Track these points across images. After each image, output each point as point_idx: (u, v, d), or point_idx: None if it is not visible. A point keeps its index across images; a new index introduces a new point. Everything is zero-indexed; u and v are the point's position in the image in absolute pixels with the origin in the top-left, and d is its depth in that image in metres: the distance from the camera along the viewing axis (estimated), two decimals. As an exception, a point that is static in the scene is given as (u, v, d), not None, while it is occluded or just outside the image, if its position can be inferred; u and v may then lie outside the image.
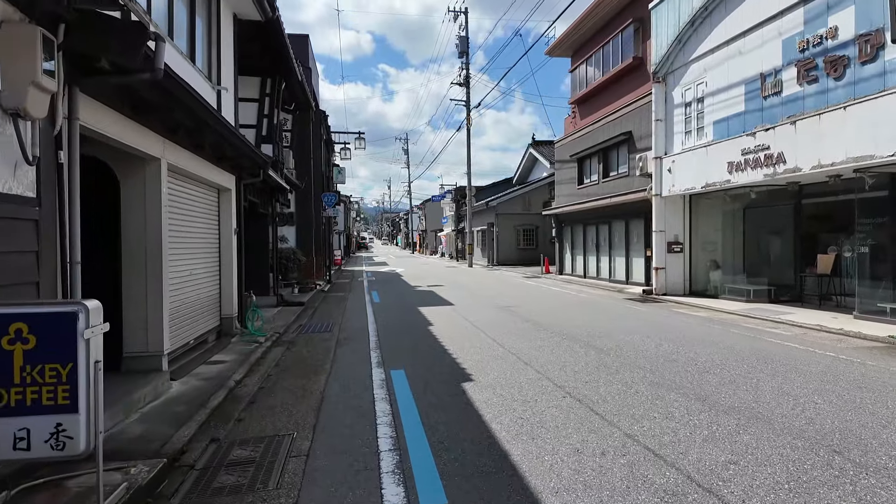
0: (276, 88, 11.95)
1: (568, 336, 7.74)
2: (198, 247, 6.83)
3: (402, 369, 5.90)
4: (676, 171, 12.37)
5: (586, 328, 8.42)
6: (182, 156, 5.70)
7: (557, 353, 6.57)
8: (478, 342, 7.40)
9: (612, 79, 21.38)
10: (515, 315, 10.01)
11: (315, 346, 7.51)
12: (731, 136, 10.62)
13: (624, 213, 15.66)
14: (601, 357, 6.34)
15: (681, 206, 13.09)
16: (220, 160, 6.91)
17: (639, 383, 5.18)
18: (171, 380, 5.24)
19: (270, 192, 11.49)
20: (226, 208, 7.76)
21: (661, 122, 12.97)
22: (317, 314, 10.95)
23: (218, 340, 7.43)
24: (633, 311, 10.44)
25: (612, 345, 7.07)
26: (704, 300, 11.81)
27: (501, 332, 8.20)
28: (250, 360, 6.33)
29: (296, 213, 16.44)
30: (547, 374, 5.58)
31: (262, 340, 7.44)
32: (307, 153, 16.78)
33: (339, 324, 9.55)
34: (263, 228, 11.49)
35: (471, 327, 8.68)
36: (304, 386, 5.36)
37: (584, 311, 10.59)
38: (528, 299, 12.73)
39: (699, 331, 8.20)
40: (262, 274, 11.52)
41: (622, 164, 15.99)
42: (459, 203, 39.08)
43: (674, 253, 12.99)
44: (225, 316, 7.73)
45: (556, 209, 20.38)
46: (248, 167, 7.80)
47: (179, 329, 5.96)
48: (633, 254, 15.52)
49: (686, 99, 12.24)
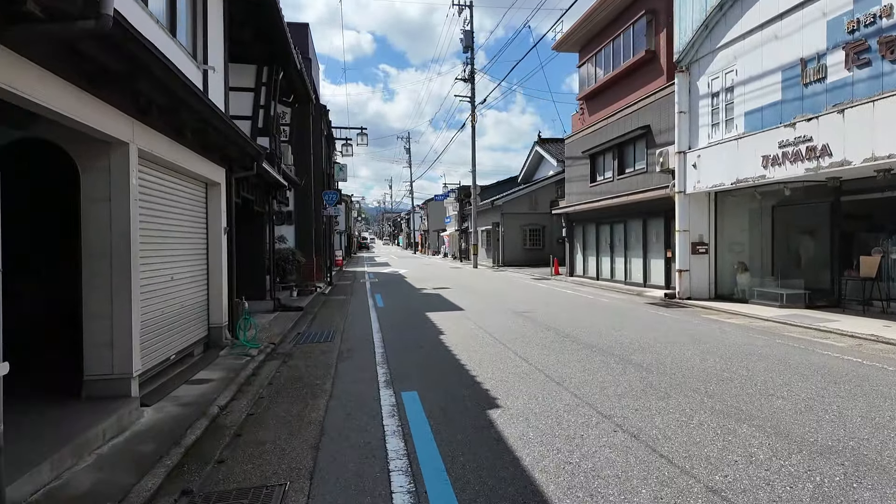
0: (272, 78, 11.12)
1: (597, 348, 6.91)
2: (181, 248, 6.01)
3: (414, 391, 5.07)
4: (702, 167, 11.53)
5: (615, 338, 7.59)
6: (158, 142, 4.88)
7: (591, 371, 5.74)
8: (497, 355, 6.57)
9: (623, 73, 20.56)
10: (533, 322, 9.18)
11: (314, 359, 6.68)
12: (766, 127, 9.79)
13: (641, 212, 14.83)
14: (643, 375, 5.51)
15: (705, 203, 12.25)
16: (205, 149, 6.09)
17: (698, 411, 4.35)
18: (144, 406, 4.42)
19: (267, 188, 10.67)
20: (215, 205, 6.94)
21: (685, 114, 12.13)
22: (317, 320, 10.12)
23: (205, 354, 6.61)
24: (660, 318, 9.60)
25: (651, 359, 6.24)
26: (733, 305, 10.98)
27: (521, 342, 7.37)
28: (239, 378, 5.51)
29: (295, 211, 15.62)
30: (586, 398, 4.75)
31: (254, 353, 6.62)
32: (307, 149, 15.95)
33: (340, 332, 8.72)
34: (259, 228, 10.68)
35: (486, 337, 7.85)
36: (300, 413, 4.53)
37: (608, 317, 9.75)
38: (542, 304, 11.90)
39: (740, 341, 7.37)
40: (257, 277, 10.70)
41: (639, 160, 15.16)
42: (463, 202, 38.25)
43: (698, 254, 12.15)
44: (213, 325, 6.91)
45: (566, 208, 19.55)
46: (238, 159, 6.98)
47: (156, 344, 5.14)
48: (651, 255, 14.68)
49: (713, 89, 11.40)
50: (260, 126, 10.87)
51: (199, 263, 6.67)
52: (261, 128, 10.87)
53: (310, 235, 16.10)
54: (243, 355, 6.52)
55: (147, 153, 4.69)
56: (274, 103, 11.44)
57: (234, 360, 6.29)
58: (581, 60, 25.22)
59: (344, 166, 24.13)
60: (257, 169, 7.59)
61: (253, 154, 7.02)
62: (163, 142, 4.99)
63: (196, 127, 5.32)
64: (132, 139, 4.31)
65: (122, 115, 4.16)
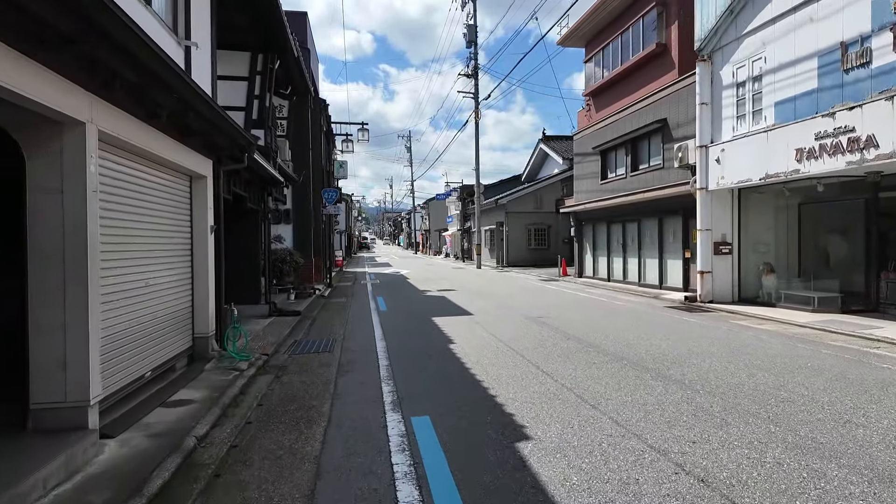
0: (268, 67, 10.41)
1: (628, 361, 6.18)
2: (159, 249, 5.29)
3: (426, 415, 4.35)
4: (727, 161, 10.81)
5: (644, 348, 6.87)
6: (126, 124, 4.16)
7: (627, 389, 5.01)
8: (517, 369, 5.84)
9: (632, 67, 19.88)
10: (549, 328, 8.45)
11: (311, 373, 5.95)
12: (800, 118, 9.06)
13: (657, 210, 14.10)
14: (689, 395, 4.79)
15: (728, 201, 11.53)
16: (186, 136, 5.37)
17: (769, 444, 3.62)
18: (105, 438, 3.70)
19: (262, 184, 9.95)
20: (200, 200, 6.22)
21: (707, 105, 11.40)
22: (315, 326, 9.40)
23: (188, 368, 5.88)
24: (687, 325, 8.88)
25: (692, 375, 5.51)
26: (759, 309, 10.25)
27: (541, 353, 6.65)
28: (225, 398, 4.78)
29: (293, 210, 14.90)
30: (630, 425, 4.03)
31: (243, 367, 5.89)
32: (305, 144, 15.23)
33: (340, 340, 8.00)
34: (253, 227, 9.96)
35: (501, 346, 7.13)
36: (292, 446, 3.81)
37: (630, 323, 9.03)
38: (555, 307, 11.17)
39: (783, 351, 6.65)
40: (252, 279, 9.99)
41: (655, 156, 14.43)
42: (465, 201, 37.53)
43: (721, 255, 11.42)
44: (199, 335, 6.19)
45: (575, 206, 18.82)
46: (227, 149, 6.26)
47: (125, 361, 4.41)
48: (667, 255, 13.95)
49: (738, 78, 10.68)
50: (254, 117, 10.18)
51: (182, 266, 5.95)
52: (255, 119, 10.18)
53: (308, 235, 15.38)
54: (231, 369, 5.80)
55: (112, 137, 3.97)
56: (269, 94, 10.73)
57: (220, 376, 5.56)
58: (587, 55, 24.52)
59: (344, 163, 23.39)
60: (249, 162, 6.86)
61: (243, 144, 6.31)
62: (132, 125, 4.26)
63: (174, 109, 4.60)
64: (90, 118, 3.58)
65: (76, 88, 3.44)
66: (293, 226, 14.89)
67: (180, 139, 5.38)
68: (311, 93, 14.85)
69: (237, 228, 9.77)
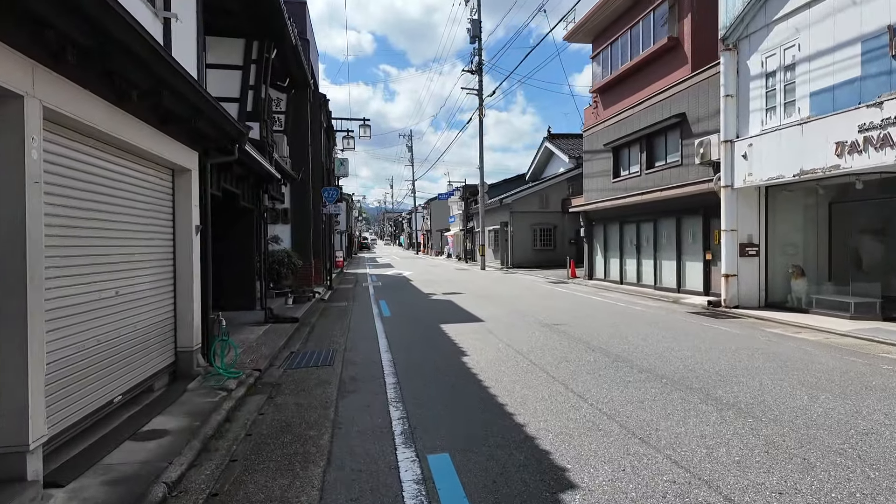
0: (263, 55, 9.71)
1: (668, 378, 5.47)
2: (134, 252, 4.58)
3: (445, 452, 3.64)
4: (755, 157, 10.10)
5: (681, 362, 6.16)
6: (85, 103, 3.45)
7: (677, 416, 4.30)
8: (543, 389, 5.13)
9: (642, 63, 19.23)
10: (570, 338, 7.74)
11: (308, 393, 5.24)
12: (841, 109, 8.35)
13: (675, 209, 13.38)
14: (751, 424, 4.07)
15: (755, 199, 10.81)
16: (166, 122, 4.66)
17: (875, 497, 2.91)
18: (52, 487, 3.00)
19: (257, 181, 9.25)
20: (184, 197, 5.52)
21: (732, 97, 10.69)
22: (314, 335, 8.69)
23: (169, 388, 5.17)
24: (718, 334, 8.16)
25: (745, 396, 4.80)
26: (790, 315, 9.54)
27: (566, 368, 5.93)
28: (207, 427, 4.07)
29: (291, 209, 14.19)
30: (694, 468, 3.32)
31: (232, 385, 5.18)
32: (304, 140, 14.52)
33: (342, 351, 7.29)
34: (248, 226, 9.26)
35: (521, 360, 6.42)
36: (284, 495, 3.10)
37: (656, 332, 8.31)
38: (572, 313, 10.46)
39: (836, 366, 5.94)
40: (246, 283, 9.28)
41: (672, 152, 13.72)
42: (468, 201, 36.83)
43: (748, 256, 10.71)
44: (182, 349, 5.48)
45: (585, 205, 18.11)
46: (215, 139, 5.56)
47: (84, 388, 3.70)
48: (686, 257, 13.23)
49: (768, 68, 9.96)
50: (249, 109, 9.48)
51: (163, 271, 5.24)
52: (250, 111, 9.47)
53: (307, 235, 14.67)
54: (218, 389, 5.09)
55: (65, 117, 3.26)
56: (265, 86, 10.02)
57: (204, 398, 4.85)
58: (594, 51, 23.84)
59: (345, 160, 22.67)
60: (240, 154, 6.15)
61: (233, 134, 5.60)
62: (95, 105, 3.55)
63: (147, 87, 3.89)
64: (31, 91, 2.87)
65: (12, 53, 2.74)
66: (291, 226, 14.17)
67: (159, 126, 4.67)
68: (311, 86, 14.15)
69: (230, 229, 9.07)
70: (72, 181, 3.54)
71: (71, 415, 3.51)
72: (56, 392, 3.28)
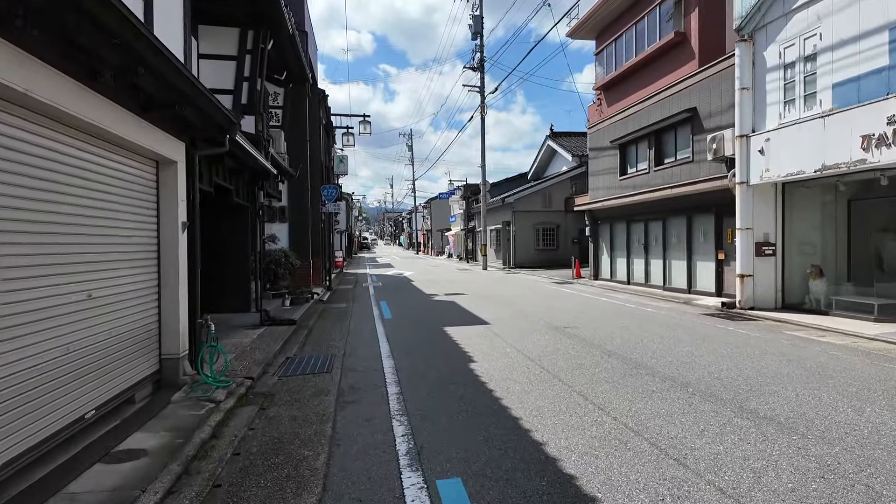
0: (259, 45, 9.26)
1: (693, 388, 5.04)
2: (113, 251, 4.16)
3: (457, 476, 3.22)
4: (772, 152, 9.67)
5: (704, 369, 5.73)
6: (46, 79, 3.02)
7: (712, 432, 3.87)
8: (559, 400, 4.70)
9: (647, 59, 18.85)
10: (582, 342, 7.32)
11: (304, 404, 4.82)
12: (867, 100, 7.92)
13: (685, 207, 12.96)
14: (798, 443, 3.64)
15: (771, 196, 10.38)
16: (147, 108, 4.24)
17: (966, 538, 2.49)
18: (2, 524, 2.57)
19: (252, 176, 8.82)
20: (170, 191, 5.09)
21: (748, 90, 10.25)
22: (311, 338, 8.26)
23: (152, 398, 4.75)
24: (738, 338, 7.74)
25: (784, 409, 4.37)
26: (809, 317, 9.12)
27: (584, 377, 5.50)
28: (189, 446, 3.65)
29: (289, 207, 13.76)
30: (743, 497, 2.89)
31: (220, 396, 4.75)
32: (302, 136, 14.09)
33: (341, 356, 6.87)
34: (243, 225, 8.83)
35: (532, 366, 5.99)
36: (272, 532, 2.68)
37: (671, 335, 7.89)
38: (579, 315, 10.03)
39: (874, 374, 5.51)
40: (241, 284, 8.86)
41: (682, 149, 13.28)
42: (470, 200, 36.41)
43: (764, 256, 10.28)
44: (167, 356, 5.05)
45: (590, 204, 17.68)
46: (202, 127, 5.13)
47: (46, 406, 3.28)
48: (697, 257, 12.80)
49: (786, 59, 9.53)
50: (244, 102, 9.01)
51: (146, 272, 4.82)
52: (245, 104, 9.01)
53: (306, 234, 14.23)
54: (205, 400, 4.66)
55: (19, 94, 2.83)
56: (261, 77, 9.58)
57: (189, 410, 4.43)
58: (598, 48, 23.46)
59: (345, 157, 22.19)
60: (231, 146, 5.72)
61: (222, 124, 5.17)
62: (54, 80, 3.13)
63: (120, 65, 3.47)
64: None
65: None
66: (289, 224, 13.74)
67: (140, 113, 4.25)
68: (309, 80, 13.71)
69: (224, 227, 8.65)
70: (29, 168, 3.12)
71: (31, 435, 3.09)
72: (10, 412, 2.86)
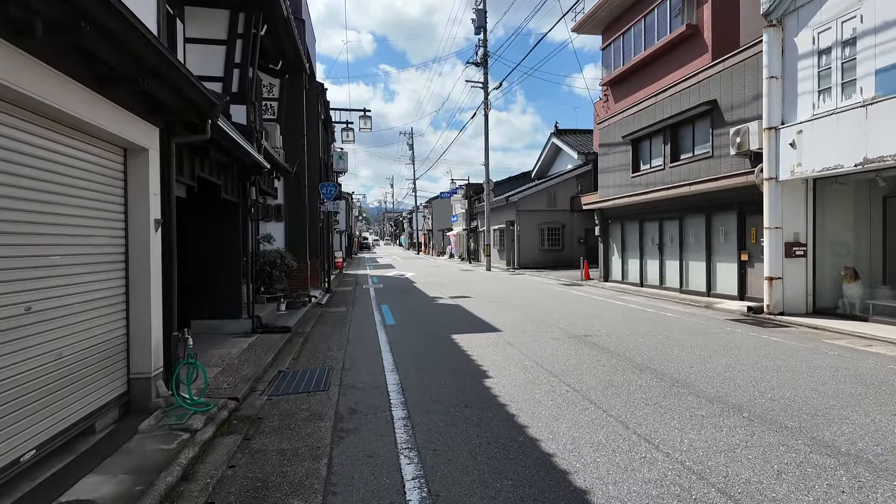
0: (251, 29, 8.56)
1: (749, 413, 4.33)
2: (59, 254, 3.46)
3: (486, 543, 2.51)
4: (805, 145, 8.96)
5: (753, 387, 5.02)
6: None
7: (793, 475, 3.16)
8: (597, 430, 3.99)
9: (657, 52, 18.28)
10: (609, 354, 6.61)
11: (295, 433, 4.10)
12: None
13: (704, 205, 12.25)
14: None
15: (802, 193, 9.68)
16: (104, 82, 3.54)
17: None
18: None
19: (243, 171, 8.11)
20: (140, 183, 4.38)
21: (777, 79, 9.54)
22: (307, 348, 7.55)
23: (118, 426, 4.04)
24: (777, 348, 7.03)
25: (868, 444, 3.66)
26: (846, 323, 8.43)
27: (619, 398, 4.79)
28: (153, 493, 2.94)
29: (285, 205, 13.04)
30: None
31: (198, 423, 4.04)
32: (299, 130, 13.37)
33: (339, 369, 6.16)
34: (233, 224, 8.12)
35: (558, 385, 5.27)
36: None
37: (703, 344, 7.18)
38: (596, 320, 9.32)
39: (949, 393, 4.81)
40: (231, 288, 8.14)
41: (701, 143, 12.57)
42: (472, 200, 35.73)
43: (794, 257, 9.57)
44: (137, 375, 4.35)
45: (600, 202, 16.97)
46: (178, 109, 4.41)
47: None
48: (717, 257, 12.09)
49: (820, 45, 8.83)
50: (234, 90, 8.33)
51: (110, 278, 4.11)
52: (235, 92, 8.33)
53: (303, 234, 13.52)
54: (179, 429, 3.95)
55: None
56: (253, 64, 8.88)
57: (158, 443, 3.72)
58: (605, 42, 22.85)
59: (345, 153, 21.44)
60: (214, 134, 5.00)
61: (201, 104, 4.45)
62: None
63: (55, 18, 2.75)
64: None
65: None
66: (285, 224, 13.02)
67: (96, 87, 3.54)
68: (307, 71, 12.99)
69: (212, 226, 7.95)
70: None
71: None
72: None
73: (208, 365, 6.02)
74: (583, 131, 29.22)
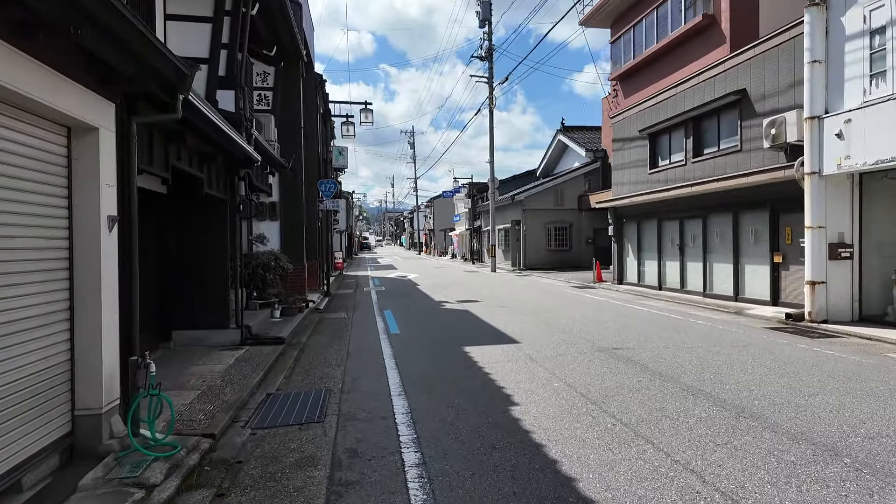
0: (240, 7, 7.70)
1: (852, 459, 3.46)
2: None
3: None
4: (854, 136, 8.09)
5: (836, 418, 4.15)
6: None
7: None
8: (668, 485, 3.12)
9: (671, 45, 17.47)
10: (648, 372, 5.73)
11: (281, 489, 3.23)
12: None
13: (731, 203, 11.37)
14: None
15: (847, 189, 8.80)
16: (22, 33, 2.68)
17: None
18: None
19: (230, 163, 7.25)
20: (89, 171, 3.52)
21: (820, 64, 8.67)
22: (301, 363, 6.68)
23: (53, 480, 3.17)
24: (837, 364, 6.16)
25: None
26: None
27: (679, 435, 3.91)
28: None
29: (280, 203, 12.17)
30: None
31: (158, 475, 3.17)
32: (296, 123, 12.50)
33: (337, 391, 5.29)
34: (219, 222, 7.25)
35: (601, 416, 4.40)
36: None
37: (754, 361, 6.31)
38: (624, 329, 8.45)
39: None
40: (217, 294, 7.27)
41: (728, 136, 11.69)
42: (475, 199, 34.83)
43: (839, 259, 8.70)
44: (84, 411, 3.48)
45: (614, 200, 16.09)
46: (137, 79, 3.54)
47: None
48: (746, 259, 11.22)
49: (873, 24, 7.96)
50: (221, 74, 7.46)
51: (46, 290, 3.25)
52: (223, 76, 7.47)
53: (300, 234, 12.64)
54: (132, 484, 3.08)
55: None
56: (242, 52, 8.02)
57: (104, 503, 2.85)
58: (614, 36, 22.03)
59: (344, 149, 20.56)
60: (186, 113, 4.14)
61: (167, 74, 3.58)
62: None
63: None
64: None
65: None
66: (281, 223, 12.14)
67: (13, 41, 2.68)
68: (304, 58, 12.13)
69: (193, 224, 7.09)
70: None
71: None
72: None
73: (185, 387, 5.16)
74: (590, 128, 28.35)
